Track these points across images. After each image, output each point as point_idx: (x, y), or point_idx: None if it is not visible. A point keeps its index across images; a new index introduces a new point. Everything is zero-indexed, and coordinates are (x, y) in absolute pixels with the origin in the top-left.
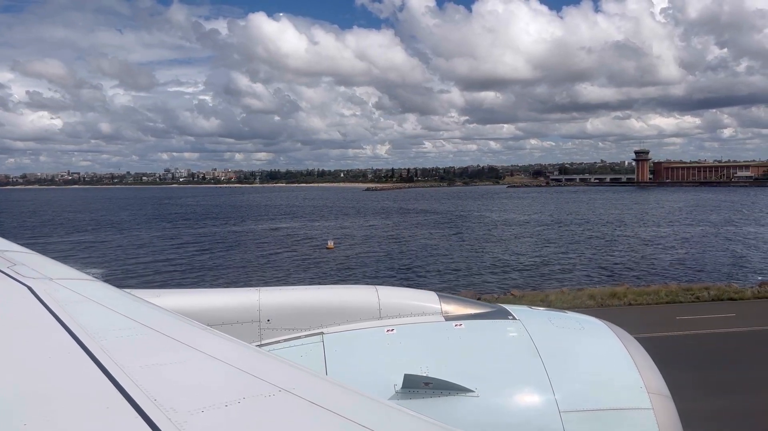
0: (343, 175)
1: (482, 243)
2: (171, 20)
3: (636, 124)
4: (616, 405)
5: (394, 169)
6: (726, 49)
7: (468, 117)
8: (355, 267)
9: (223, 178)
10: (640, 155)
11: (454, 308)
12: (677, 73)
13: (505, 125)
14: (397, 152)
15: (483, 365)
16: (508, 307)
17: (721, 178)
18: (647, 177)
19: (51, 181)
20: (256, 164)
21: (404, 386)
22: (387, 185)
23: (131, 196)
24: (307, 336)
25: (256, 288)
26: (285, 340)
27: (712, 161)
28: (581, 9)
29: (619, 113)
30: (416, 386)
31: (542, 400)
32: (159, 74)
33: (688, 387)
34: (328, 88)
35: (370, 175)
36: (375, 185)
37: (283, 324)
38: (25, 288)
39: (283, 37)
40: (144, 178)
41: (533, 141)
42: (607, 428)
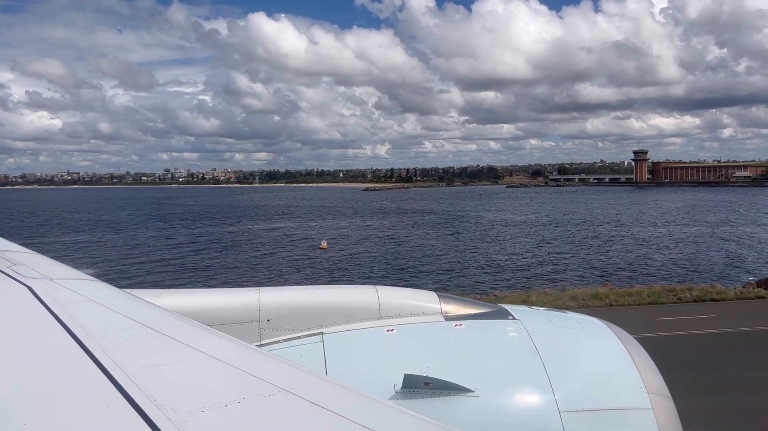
0: (343, 175)
1: (477, 243)
2: (171, 20)
3: (636, 124)
4: (616, 405)
5: (394, 169)
6: (726, 49)
7: (468, 117)
8: (348, 268)
9: (222, 178)
10: (639, 155)
11: (454, 308)
12: (677, 73)
13: (505, 125)
14: (396, 152)
15: (483, 365)
16: (508, 307)
17: (719, 178)
18: (646, 177)
19: (50, 181)
20: (255, 164)
21: (404, 386)
22: (385, 185)
23: (130, 196)
24: (306, 336)
25: (255, 288)
26: (285, 340)
27: (712, 161)
28: (581, 9)
29: (618, 113)
30: (416, 386)
31: (542, 400)
32: (159, 74)
33: None
34: (327, 88)
35: (369, 175)
36: (373, 185)
37: (283, 324)
38: (25, 288)
39: (283, 37)
40: (143, 178)
41: (533, 141)
42: (607, 428)
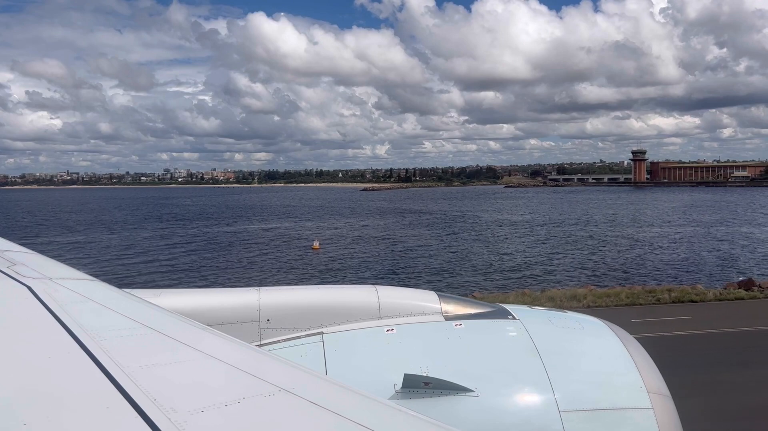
0: (342, 175)
1: (471, 243)
2: (170, 20)
3: (635, 124)
4: (616, 404)
5: (393, 169)
6: (725, 49)
7: (467, 117)
8: (339, 269)
9: (221, 178)
10: (637, 155)
11: (453, 308)
12: (677, 73)
13: (505, 125)
14: (396, 152)
15: (483, 365)
16: (508, 307)
17: (717, 178)
18: (644, 177)
19: (50, 181)
20: (255, 164)
21: (404, 386)
22: (384, 185)
23: (128, 196)
24: (306, 336)
25: (255, 288)
26: (285, 340)
27: (711, 161)
28: (581, 9)
29: (618, 113)
30: (416, 386)
31: (542, 400)
32: (158, 74)
33: None
34: (327, 88)
35: (368, 175)
36: (371, 185)
37: (283, 324)
38: (25, 288)
39: (283, 37)
40: (143, 179)
41: (533, 141)
42: (607, 427)
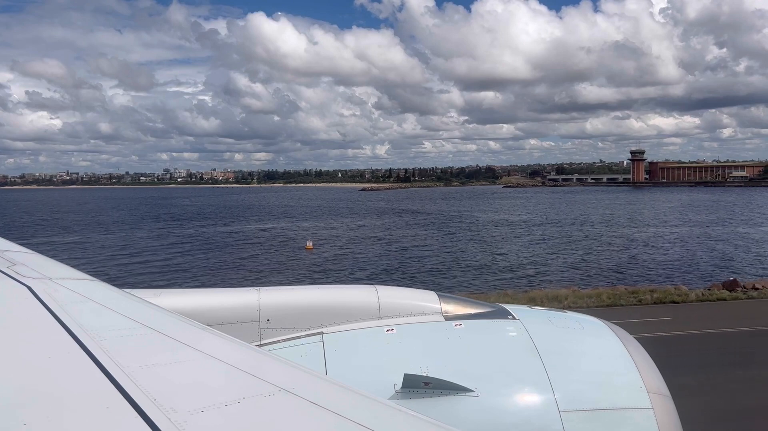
0: (341, 175)
1: (466, 243)
2: (170, 20)
3: (635, 124)
4: (616, 404)
5: (392, 169)
6: (725, 49)
7: (467, 117)
8: (331, 270)
9: (221, 178)
10: (636, 155)
11: (453, 308)
12: (676, 73)
13: (505, 125)
14: (396, 152)
15: (483, 365)
16: (507, 307)
17: (716, 178)
18: (643, 177)
19: (49, 181)
20: (255, 164)
21: (404, 386)
22: (383, 185)
23: (128, 196)
24: (306, 336)
25: (255, 287)
26: (285, 340)
27: (711, 161)
28: (580, 9)
29: (618, 113)
30: (416, 386)
31: (542, 400)
32: (158, 74)
33: None
34: (327, 88)
35: (368, 176)
36: (370, 185)
37: (283, 324)
38: (25, 288)
39: (283, 37)
40: (142, 179)
41: (533, 141)
42: (607, 428)
